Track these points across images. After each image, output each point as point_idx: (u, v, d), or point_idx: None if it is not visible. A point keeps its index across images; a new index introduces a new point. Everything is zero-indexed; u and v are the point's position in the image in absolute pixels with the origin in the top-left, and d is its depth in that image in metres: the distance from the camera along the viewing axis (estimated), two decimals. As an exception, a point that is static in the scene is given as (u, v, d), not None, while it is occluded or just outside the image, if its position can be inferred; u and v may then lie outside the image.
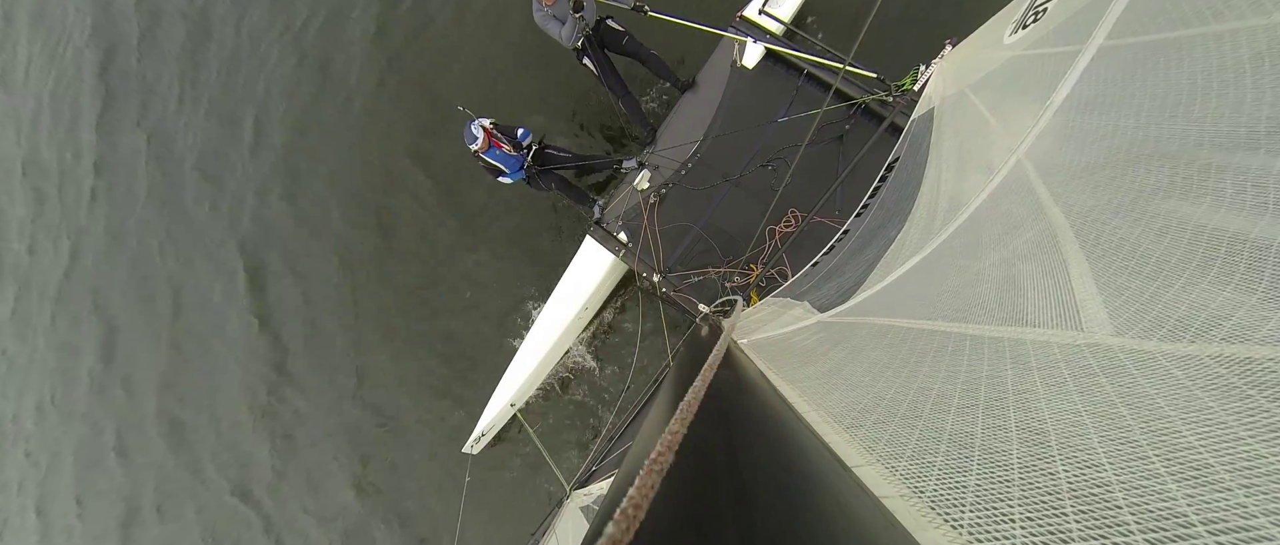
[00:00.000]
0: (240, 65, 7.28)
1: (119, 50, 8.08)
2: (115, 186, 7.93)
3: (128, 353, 7.82)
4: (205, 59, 7.51)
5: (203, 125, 7.37)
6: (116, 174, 7.94)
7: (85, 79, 8.26)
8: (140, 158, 7.71)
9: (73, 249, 8.27)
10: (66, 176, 8.44)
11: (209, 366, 7.21)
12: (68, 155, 8.43)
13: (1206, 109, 0.88)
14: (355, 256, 6.48)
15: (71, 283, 8.28)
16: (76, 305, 8.20)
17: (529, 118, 5.72)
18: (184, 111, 7.52)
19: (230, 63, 7.34)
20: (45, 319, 8.52)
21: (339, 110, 6.69)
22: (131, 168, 7.79)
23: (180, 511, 7.43)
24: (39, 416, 8.73)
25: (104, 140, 8.01)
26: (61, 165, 8.50)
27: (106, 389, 7.95)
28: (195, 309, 7.33)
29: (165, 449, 7.46)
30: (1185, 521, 0.45)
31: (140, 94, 7.84)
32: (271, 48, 7.14)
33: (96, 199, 8.07)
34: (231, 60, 7.35)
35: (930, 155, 2.45)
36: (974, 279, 1.20)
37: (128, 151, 7.83)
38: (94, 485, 8.15)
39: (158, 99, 7.72)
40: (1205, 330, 0.57)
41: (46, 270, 8.53)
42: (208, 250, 7.25)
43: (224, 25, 7.51)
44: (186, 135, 7.46)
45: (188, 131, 7.46)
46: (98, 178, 8.06)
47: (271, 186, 6.94)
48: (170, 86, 7.65)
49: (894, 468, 0.79)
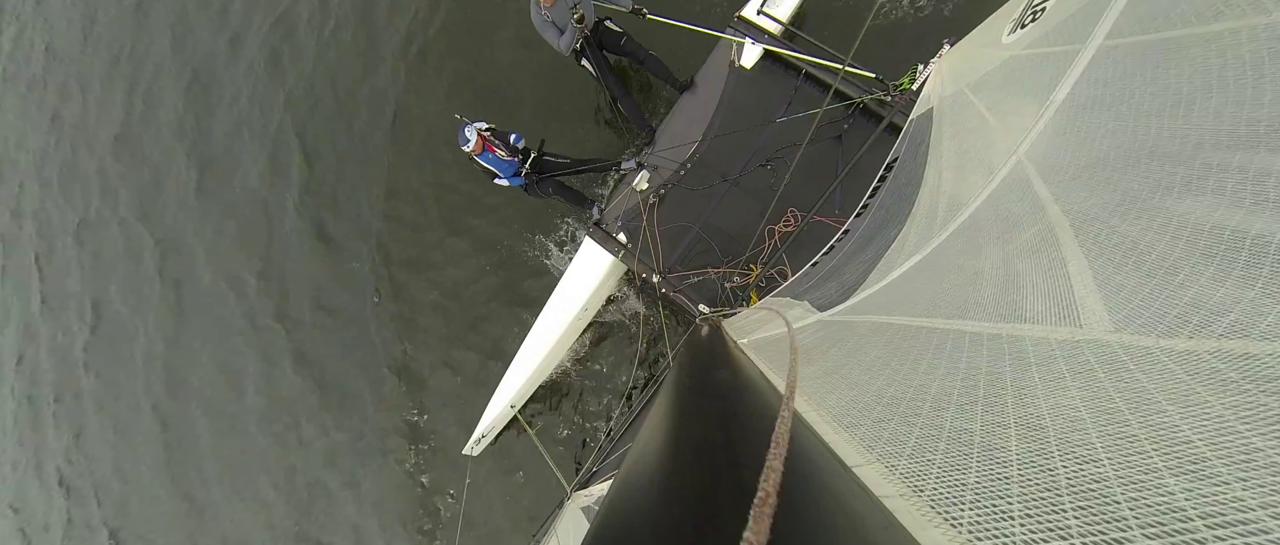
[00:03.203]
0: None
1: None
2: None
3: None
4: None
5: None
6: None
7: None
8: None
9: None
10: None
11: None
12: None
13: (1206, 108, 0.88)
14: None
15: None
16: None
17: (527, 119, 5.74)
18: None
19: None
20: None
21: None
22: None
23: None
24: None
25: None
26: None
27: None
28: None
29: (161, 447, 7.48)
30: (1183, 516, 0.45)
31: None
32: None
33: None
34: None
35: (930, 155, 2.45)
36: (973, 277, 1.20)
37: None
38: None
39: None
40: (1203, 325, 0.57)
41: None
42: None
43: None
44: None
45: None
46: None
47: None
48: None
49: (893, 467, 0.79)
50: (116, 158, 8.14)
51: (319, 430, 6.55)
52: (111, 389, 7.90)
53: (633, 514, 0.72)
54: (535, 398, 5.40)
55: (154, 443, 7.52)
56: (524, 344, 4.93)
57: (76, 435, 8.18)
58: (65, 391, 8.31)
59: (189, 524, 7.29)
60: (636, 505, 0.74)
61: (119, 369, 7.85)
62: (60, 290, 8.46)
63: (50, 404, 8.47)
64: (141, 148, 7.96)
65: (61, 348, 8.36)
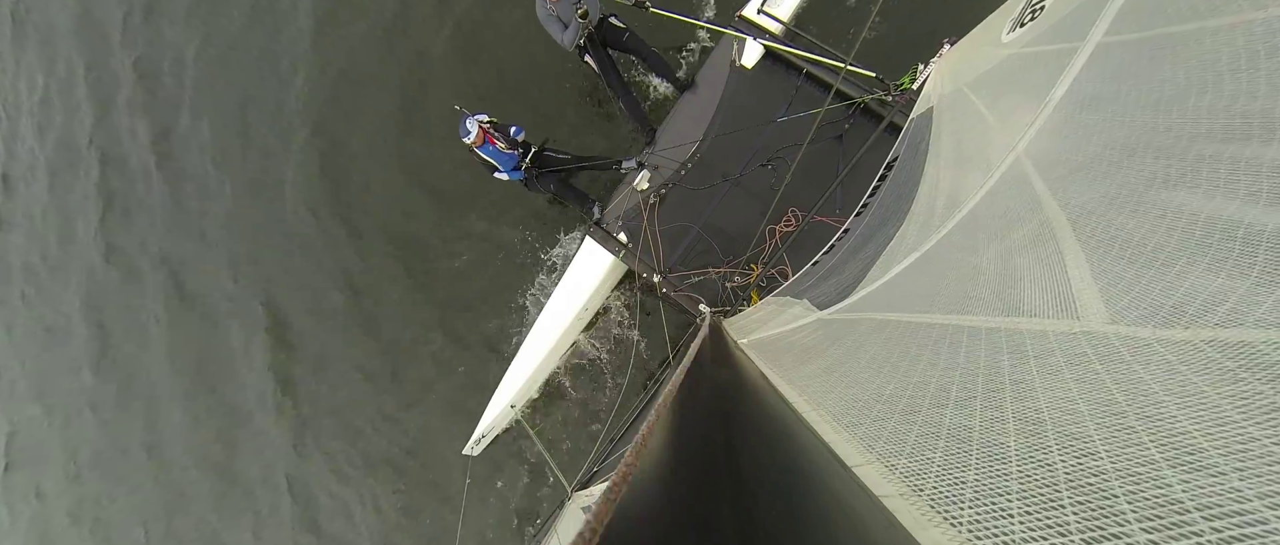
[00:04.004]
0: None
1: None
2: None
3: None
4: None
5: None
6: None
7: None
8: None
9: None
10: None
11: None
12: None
13: (1202, 102, 0.88)
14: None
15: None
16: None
17: (528, 117, 5.74)
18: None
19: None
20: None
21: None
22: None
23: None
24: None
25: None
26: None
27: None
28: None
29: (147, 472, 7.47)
30: (1181, 508, 0.45)
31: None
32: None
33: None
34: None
35: (929, 153, 2.45)
36: (971, 273, 1.20)
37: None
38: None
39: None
40: (1199, 316, 0.57)
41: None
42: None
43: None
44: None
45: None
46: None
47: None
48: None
49: (893, 466, 0.79)
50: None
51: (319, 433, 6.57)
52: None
53: (632, 514, 0.72)
54: (535, 397, 5.40)
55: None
56: (524, 344, 4.94)
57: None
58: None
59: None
60: (636, 505, 0.74)
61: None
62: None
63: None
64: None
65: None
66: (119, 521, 8.02)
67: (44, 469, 8.58)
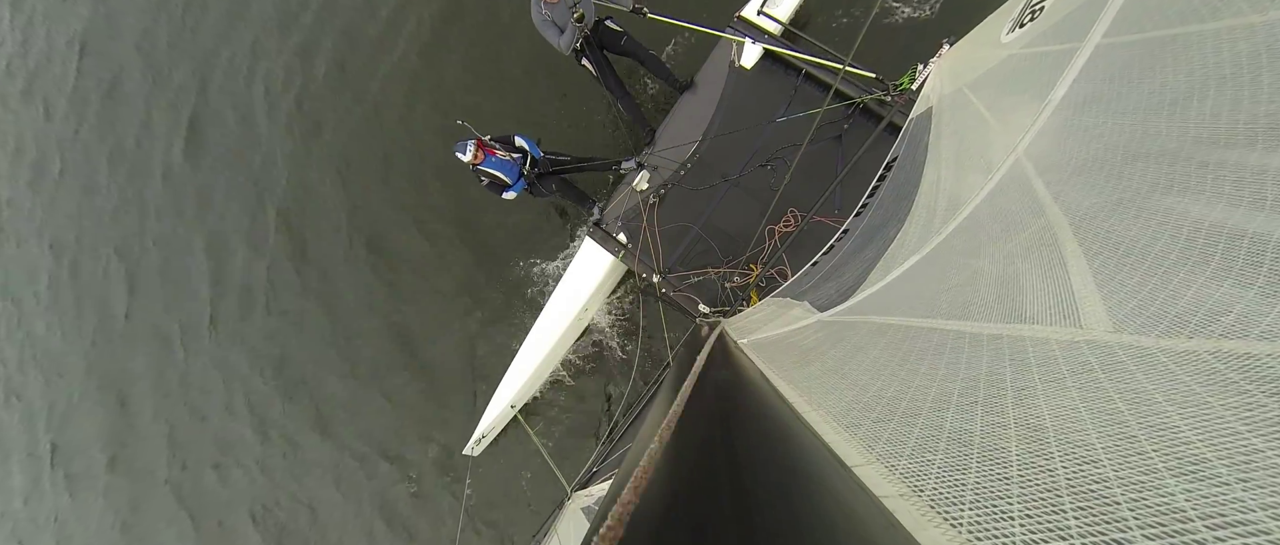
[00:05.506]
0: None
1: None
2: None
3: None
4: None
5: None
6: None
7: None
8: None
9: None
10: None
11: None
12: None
13: (1204, 106, 0.88)
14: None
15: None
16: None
17: (527, 119, 5.73)
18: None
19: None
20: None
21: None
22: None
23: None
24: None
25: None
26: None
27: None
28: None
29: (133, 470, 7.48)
30: (1183, 517, 0.45)
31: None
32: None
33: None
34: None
35: (929, 154, 2.45)
36: (973, 277, 1.20)
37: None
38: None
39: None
40: (1203, 326, 0.57)
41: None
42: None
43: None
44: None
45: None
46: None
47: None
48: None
49: (894, 467, 0.79)
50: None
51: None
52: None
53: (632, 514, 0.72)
54: (535, 397, 5.40)
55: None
56: (524, 344, 4.93)
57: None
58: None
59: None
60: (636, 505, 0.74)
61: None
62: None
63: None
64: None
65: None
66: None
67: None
